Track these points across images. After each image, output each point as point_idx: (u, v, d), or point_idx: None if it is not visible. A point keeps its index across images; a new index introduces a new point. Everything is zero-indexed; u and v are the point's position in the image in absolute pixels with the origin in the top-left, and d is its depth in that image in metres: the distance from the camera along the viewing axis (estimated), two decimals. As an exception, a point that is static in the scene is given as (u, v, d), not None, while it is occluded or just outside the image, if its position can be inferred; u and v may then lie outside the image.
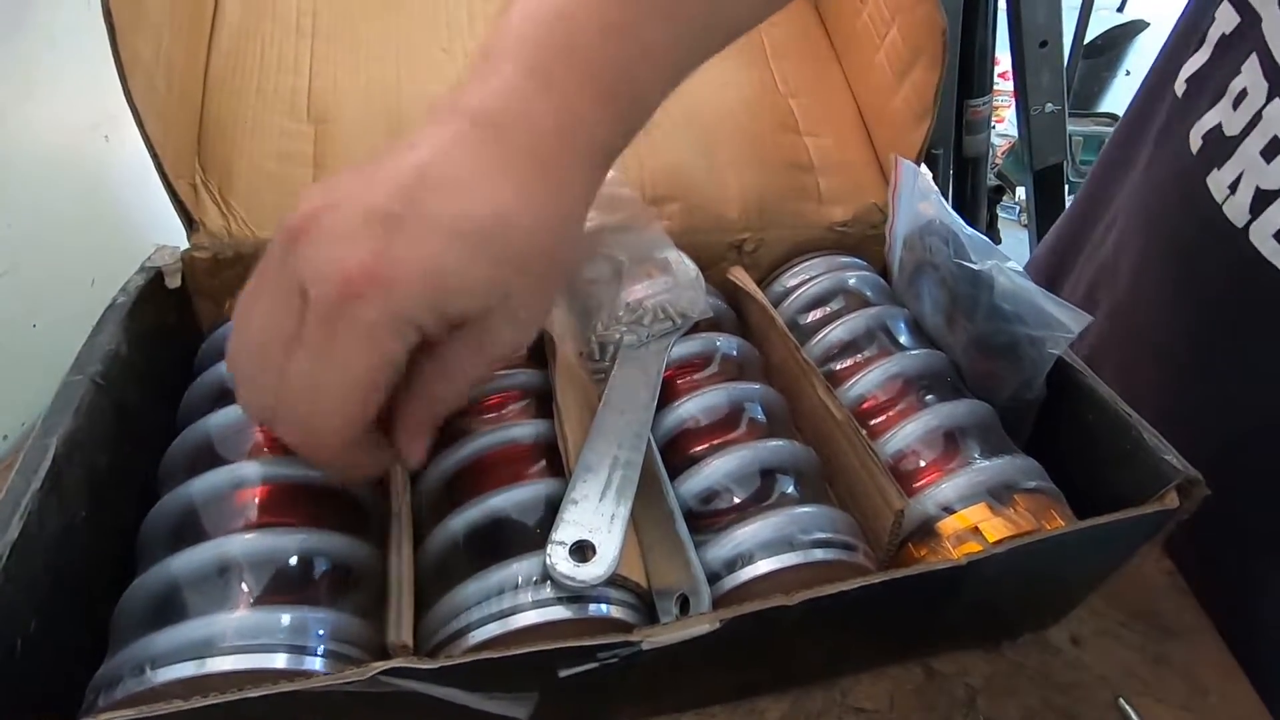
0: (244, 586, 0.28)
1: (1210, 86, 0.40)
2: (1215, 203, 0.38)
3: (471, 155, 0.26)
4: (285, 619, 0.27)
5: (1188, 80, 0.42)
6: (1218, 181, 0.38)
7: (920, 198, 0.42)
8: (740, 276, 0.46)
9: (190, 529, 0.30)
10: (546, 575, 0.29)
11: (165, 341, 0.39)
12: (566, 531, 0.30)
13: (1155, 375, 0.44)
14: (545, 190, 0.27)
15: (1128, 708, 0.36)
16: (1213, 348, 0.41)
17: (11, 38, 0.51)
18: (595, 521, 0.30)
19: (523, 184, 0.26)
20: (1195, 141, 0.40)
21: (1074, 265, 0.53)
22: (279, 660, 0.26)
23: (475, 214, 0.25)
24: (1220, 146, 0.38)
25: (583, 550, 0.29)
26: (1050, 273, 0.56)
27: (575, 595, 0.29)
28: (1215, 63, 0.40)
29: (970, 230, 0.39)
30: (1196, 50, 0.42)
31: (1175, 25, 0.46)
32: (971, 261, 0.38)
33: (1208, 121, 0.39)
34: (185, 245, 0.40)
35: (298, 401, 0.26)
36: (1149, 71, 0.49)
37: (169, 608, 0.28)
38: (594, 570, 0.29)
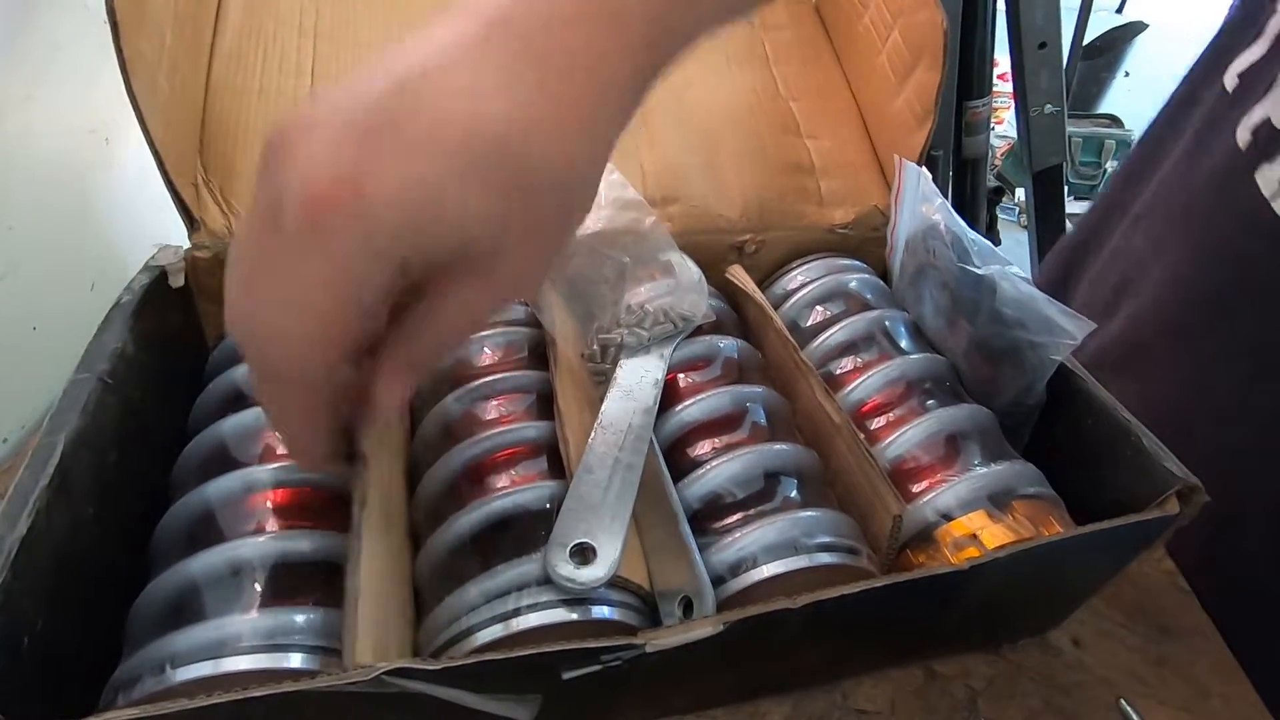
0: (259, 588, 0.28)
1: (1264, 80, 0.39)
2: (1263, 198, 0.38)
3: (478, 59, 0.21)
4: (300, 619, 0.28)
5: (1240, 75, 0.42)
6: (1267, 177, 0.38)
7: (923, 200, 0.43)
8: (739, 276, 0.46)
9: (205, 531, 0.30)
10: (548, 577, 0.29)
11: (170, 341, 0.39)
12: (567, 534, 0.30)
13: (1177, 372, 0.44)
14: (566, 106, 0.22)
15: (1129, 709, 0.37)
16: (1254, 348, 0.40)
17: (12, 41, 0.51)
18: (596, 524, 0.30)
19: (539, 95, 0.22)
20: (1244, 136, 0.40)
21: (1094, 262, 0.53)
22: (294, 660, 0.27)
23: (475, 128, 0.21)
24: (1272, 141, 0.38)
25: (583, 553, 0.29)
26: (1066, 270, 0.55)
27: (577, 597, 0.29)
28: (1273, 56, 0.40)
29: (974, 234, 0.40)
30: (1253, 44, 0.41)
31: (1224, 22, 0.46)
32: (975, 266, 0.39)
33: (1257, 115, 0.39)
34: (186, 247, 0.40)
35: (261, 323, 0.23)
36: (1184, 79, 0.48)
37: (186, 608, 0.28)
38: (594, 573, 0.29)
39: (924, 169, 0.44)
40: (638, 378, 0.37)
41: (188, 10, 0.43)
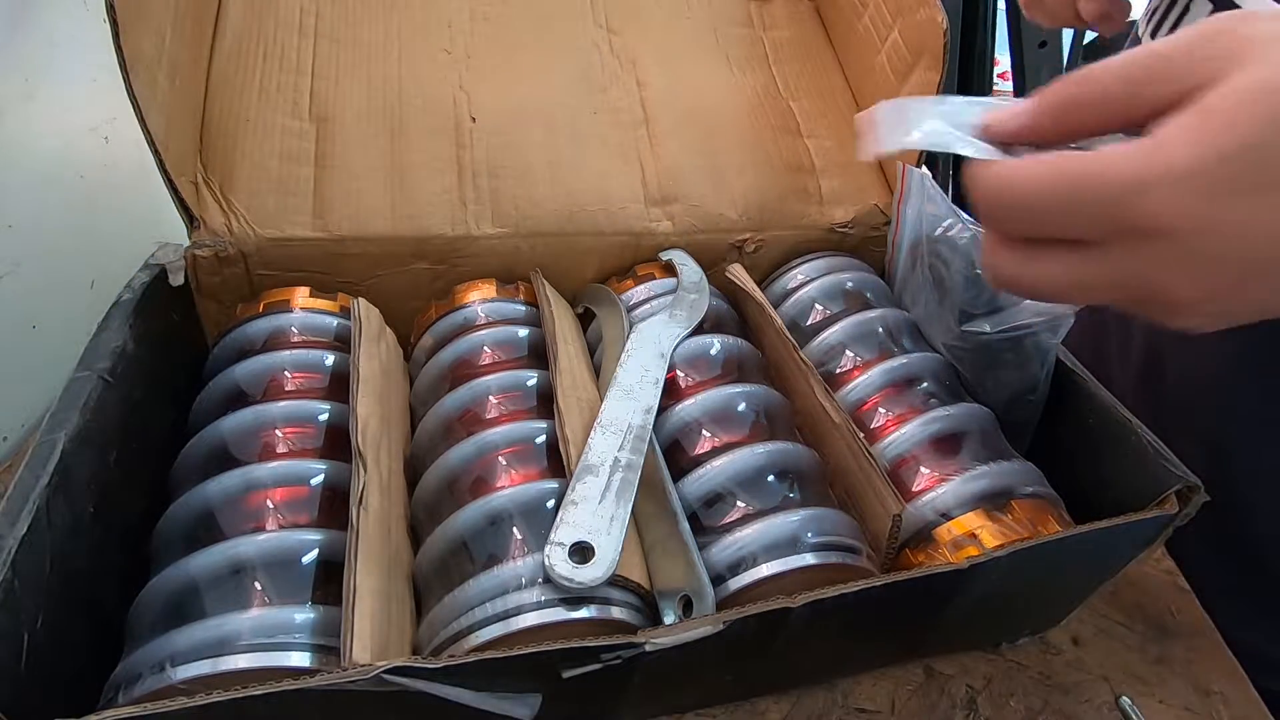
0: (258, 586, 0.28)
1: None
2: None
3: None
4: (299, 618, 0.28)
5: None
6: None
7: (927, 200, 0.43)
8: (739, 275, 0.46)
9: (205, 530, 0.30)
10: (547, 576, 0.29)
11: (170, 339, 0.39)
12: (565, 533, 0.30)
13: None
14: None
15: (1129, 708, 0.37)
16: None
17: (11, 39, 0.51)
18: (594, 523, 0.30)
19: None
20: None
21: None
22: (293, 658, 0.27)
23: None
24: None
25: (582, 552, 0.29)
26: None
27: (577, 596, 0.29)
28: None
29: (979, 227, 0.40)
30: None
31: None
32: (975, 266, 0.39)
33: None
34: (186, 245, 0.40)
35: None
36: None
37: (186, 607, 0.28)
38: (593, 572, 0.29)
39: (921, 168, 0.44)
40: (638, 377, 0.37)
41: (188, 9, 0.43)
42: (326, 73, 0.47)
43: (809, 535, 0.32)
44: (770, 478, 0.34)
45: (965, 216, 0.40)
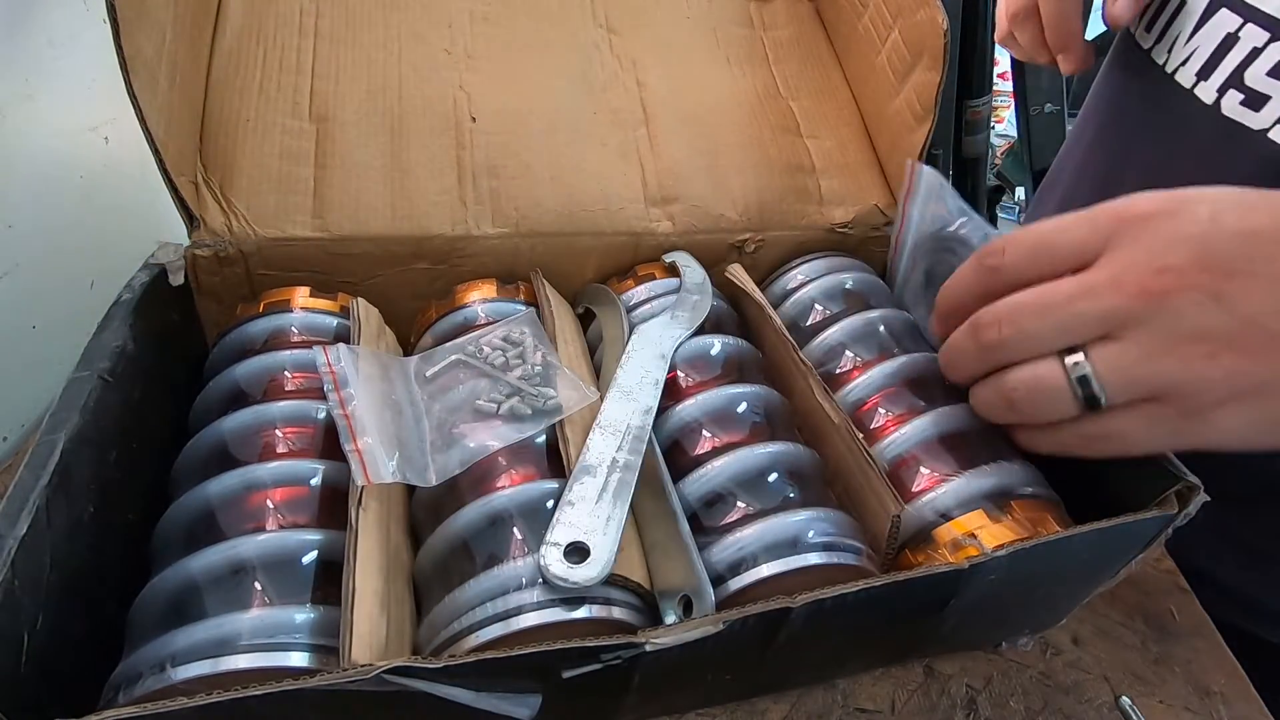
0: (258, 586, 0.28)
1: None
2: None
3: None
4: (299, 618, 0.28)
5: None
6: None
7: (935, 199, 0.43)
8: (738, 275, 0.46)
9: (206, 530, 0.30)
10: (544, 576, 0.29)
11: (170, 339, 0.39)
12: (561, 533, 0.30)
13: None
14: None
15: (1129, 708, 0.37)
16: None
17: (11, 38, 0.51)
18: (591, 523, 0.30)
19: None
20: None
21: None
22: (293, 658, 0.27)
23: None
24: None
25: (578, 552, 0.29)
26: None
27: (577, 596, 0.29)
28: None
29: (992, 230, 0.40)
30: None
31: None
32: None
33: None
34: (186, 245, 0.40)
35: None
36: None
37: (186, 607, 0.28)
38: (588, 572, 0.29)
39: (936, 172, 0.44)
40: (638, 378, 0.37)
41: (188, 9, 0.43)
42: (326, 73, 0.47)
43: (809, 535, 0.32)
44: (770, 478, 0.34)
45: (977, 216, 0.41)
